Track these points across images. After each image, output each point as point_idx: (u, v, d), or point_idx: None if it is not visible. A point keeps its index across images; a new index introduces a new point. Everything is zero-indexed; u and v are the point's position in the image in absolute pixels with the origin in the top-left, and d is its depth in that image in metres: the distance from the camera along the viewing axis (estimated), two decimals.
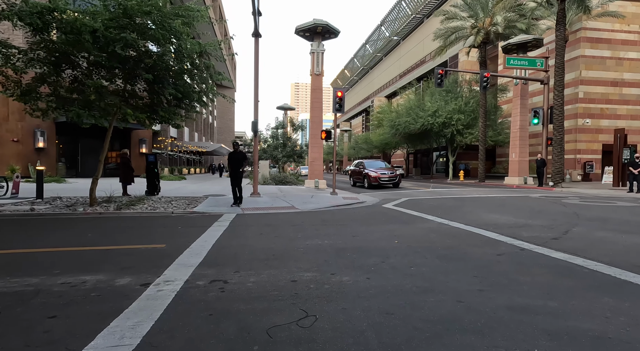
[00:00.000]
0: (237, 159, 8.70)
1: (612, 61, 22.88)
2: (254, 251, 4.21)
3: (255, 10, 11.12)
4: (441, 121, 23.96)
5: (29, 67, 6.93)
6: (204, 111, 43.77)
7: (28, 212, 7.18)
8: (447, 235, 5.26)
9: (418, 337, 2.07)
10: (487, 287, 2.95)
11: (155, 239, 4.83)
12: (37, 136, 19.20)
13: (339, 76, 73.38)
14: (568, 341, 2.03)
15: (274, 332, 2.12)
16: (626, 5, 22.51)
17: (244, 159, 8.77)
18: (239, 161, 8.70)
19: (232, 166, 8.76)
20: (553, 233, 5.39)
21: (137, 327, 2.16)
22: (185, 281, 3.04)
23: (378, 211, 8.27)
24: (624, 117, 23.23)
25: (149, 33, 6.69)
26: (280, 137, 27.27)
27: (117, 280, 3.07)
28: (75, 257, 3.90)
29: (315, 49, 16.04)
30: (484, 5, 22.36)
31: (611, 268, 3.52)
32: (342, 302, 2.61)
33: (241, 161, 8.73)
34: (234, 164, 8.72)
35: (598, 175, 22.17)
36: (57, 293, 2.74)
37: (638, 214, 7.80)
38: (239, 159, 8.71)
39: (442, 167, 34.96)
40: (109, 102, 7.39)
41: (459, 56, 32.77)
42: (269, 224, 6.20)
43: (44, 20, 6.10)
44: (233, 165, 8.74)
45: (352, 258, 3.88)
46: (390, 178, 17.12)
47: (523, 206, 9.22)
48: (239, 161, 8.71)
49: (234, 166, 8.72)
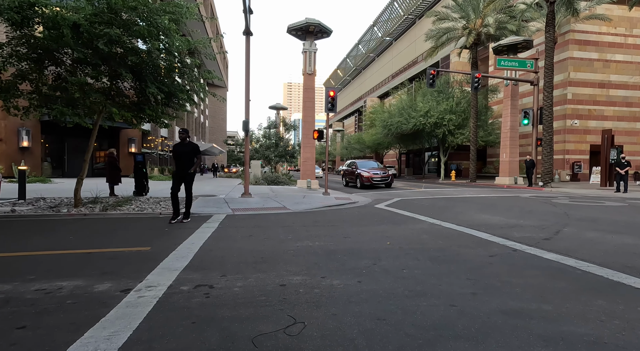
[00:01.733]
0: (186, 153, 6.42)
1: (600, 63, 23.30)
2: (242, 253, 4.09)
3: (246, 8, 10.97)
4: (433, 121, 24.08)
5: (6, 64, 6.67)
6: (195, 110, 43.27)
7: (8, 213, 6.91)
8: (439, 236, 5.21)
9: (410, 344, 1.99)
10: (480, 290, 2.89)
11: (141, 242, 4.66)
12: (22, 135, 18.68)
13: (331, 75, 73.39)
14: (564, 347, 1.96)
15: (259, 341, 2.02)
16: (613, 8, 22.94)
17: (195, 153, 6.49)
18: (188, 156, 6.42)
19: (178, 162, 6.44)
20: (544, 234, 5.38)
21: (113, 338, 2.03)
22: (168, 287, 2.91)
23: (370, 212, 8.20)
24: (610, 118, 23.67)
25: (134, 29, 6.50)
26: (272, 137, 27.10)
27: (96, 286, 2.92)
28: (54, 261, 3.72)
29: (308, 48, 15.93)
30: (475, 7, 22.54)
31: (603, 269, 3.49)
32: (332, 307, 2.51)
33: (191, 155, 6.44)
34: (181, 160, 6.40)
35: (586, 175, 22.55)
36: (29, 300, 2.58)
37: (626, 214, 7.89)
38: (187, 153, 6.42)
39: (434, 168, 35.19)
40: (94, 100, 7.17)
41: (451, 57, 33.03)
42: (259, 226, 6.07)
43: (24, 15, 5.86)
44: (180, 161, 6.41)
45: (343, 261, 3.79)
46: (383, 178, 17.12)
47: (514, 206, 9.26)
48: (188, 155, 6.43)
49: (181, 163, 6.41)
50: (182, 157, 6.42)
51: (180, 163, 6.44)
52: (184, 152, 6.44)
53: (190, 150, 6.47)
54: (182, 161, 6.42)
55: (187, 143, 6.50)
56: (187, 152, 6.44)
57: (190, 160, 6.45)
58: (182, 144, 6.51)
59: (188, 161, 6.42)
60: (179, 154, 6.44)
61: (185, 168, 6.39)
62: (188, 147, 6.47)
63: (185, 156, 6.43)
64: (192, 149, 6.49)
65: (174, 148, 6.51)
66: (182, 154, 6.42)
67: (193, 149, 6.51)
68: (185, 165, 6.40)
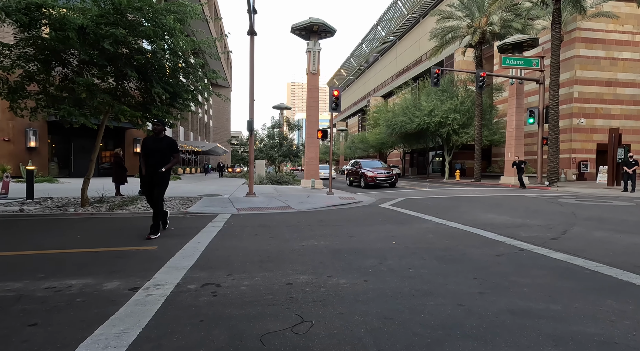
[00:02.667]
0: (160, 150, 5.08)
1: (606, 61, 23.04)
2: (248, 252, 4.10)
3: (250, 8, 10.99)
4: (437, 121, 23.97)
5: (14, 66, 6.74)
6: (199, 110, 43.48)
7: (17, 213, 7.00)
8: (445, 235, 5.18)
9: (418, 343, 1.99)
10: (488, 290, 2.88)
11: (147, 241, 4.69)
12: (29, 136, 18.88)
13: (335, 75, 73.31)
14: (574, 347, 1.95)
15: (267, 339, 2.02)
16: (620, 5, 22.68)
17: (172, 151, 5.18)
18: (162, 154, 5.07)
19: (149, 161, 5.05)
20: (551, 233, 5.34)
21: (123, 335, 2.05)
22: (176, 285, 2.93)
23: (375, 211, 8.19)
24: (617, 117, 23.41)
25: (139, 29, 6.54)
26: (276, 136, 27.15)
27: (104, 284, 2.94)
28: (63, 260, 3.76)
29: (312, 48, 15.93)
30: (479, 5, 22.41)
31: (612, 268, 3.46)
32: (338, 306, 2.51)
33: (166, 153, 5.11)
34: (153, 158, 5.03)
35: (593, 174, 22.32)
36: (40, 298, 2.62)
37: (634, 213, 7.80)
38: (162, 150, 5.09)
39: (438, 167, 35.03)
40: (101, 101, 7.23)
41: (455, 56, 32.84)
42: (264, 225, 6.09)
43: (32, 16, 5.92)
44: (152, 160, 5.03)
45: (348, 260, 3.79)
46: (387, 178, 17.07)
47: (520, 206, 9.19)
48: (163, 153, 5.09)
49: (153, 163, 5.02)
50: (154, 156, 5.03)
51: (151, 163, 5.01)
52: (158, 149, 5.07)
53: (166, 146, 5.12)
54: (155, 160, 5.01)
55: (162, 138, 5.18)
56: (161, 149, 5.09)
57: (164, 159, 5.08)
58: (155, 139, 5.15)
59: (162, 160, 5.06)
60: (150, 150, 5.05)
61: (156, 168, 5.01)
62: (163, 142, 5.13)
63: (159, 154, 5.06)
64: (168, 146, 5.14)
65: (144, 143, 5.14)
66: (155, 152, 5.05)
67: (170, 146, 5.15)
68: (157, 165, 5.01)
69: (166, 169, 5.05)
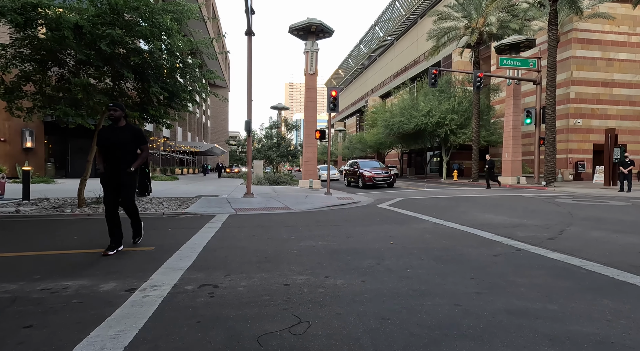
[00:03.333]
0: (121, 144, 3.93)
1: (603, 62, 23.19)
2: (245, 253, 4.09)
3: (248, 9, 10.98)
4: (435, 121, 24.04)
5: (9, 66, 6.70)
6: (197, 110, 43.38)
7: (13, 214, 6.95)
8: (442, 236, 5.19)
9: (416, 344, 1.99)
10: (485, 290, 2.88)
11: (144, 242, 4.67)
12: (26, 136, 18.78)
13: (333, 75, 73.38)
14: (570, 347, 1.96)
15: (264, 340, 2.02)
16: (616, 6, 22.83)
17: (138, 141, 4.06)
18: (125, 148, 3.95)
19: (109, 158, 3.94)
20: (548, 233, 5.36)
21: (119, 337, 2.04)
22: (173, 286, 2.92)
23: (373, 212, 8.20)
24: (614, 117, 23.56)
25: (136, 29, 6.51)
26: (274, 137, 27.14)
27: (101, 285, 2.93)
28: (59, 261, 3.74)
29: (309, 48, 15.93)
30: (477, 6, 22.49)
31: (608, 268, 3.48)
32: (336, 307, 2.51)
33: (130, 147, 4.01)
34: (114, 154, 3.92)
35: (589, 174, 22.44)
36: (35, 300, 2.60)
37: (631, 213, 7.85)
38: (124, 143, 3.94)
39: (436, 167, 35.11)
40: (97, 101, 7.20)
41: (452, 56, 32.95)
42: (262, 226, 6.08)
43: (27, 16, 5.89)
44: (113, 156, 3.92)
45: (346, 260, 3.78)
46: (385, 178, 17.10)
47: (517, 206, 9.23)
48: (126, 147, 3.97)
49: (113, 159, 3.92)
50: (115, 151, 3.88)
51: (112, 159, 3.88)
52: (120, 141, 3.87)
53: (129, 138, 3.93)
54: (116, 156, 3.88)
55: (123, 127, 3.98)
56: (124, 141, 3.89)
57: (129, 155, 3.94)
58: (113, 129, 3.95)
59: (125, 156, 3.90)
60: (109, 144, 3.88)
61: (119, 166, 3.87)
62: (125, 133, 3.93)
63: (121, 148, 3.88)
64: (132, 137, 3.96)
65: (100, 135, 3.97)
66: (116, 145, 3.87)
67: (135, 137, 3.98)
68: (120, 162, 3.86)
69: (135, 167, 3.93)
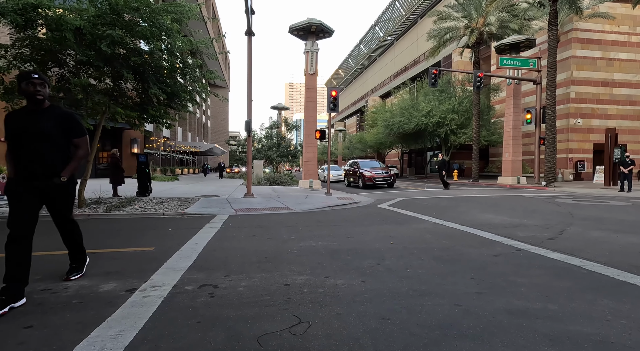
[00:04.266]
0: (44, 134, 2.62)
1: (603, 62, 23.18)
2: (245, 253, 4.09)
3: (248, 9, 10.98)
4: (435, 121, 24.05)
5: (10, 67, 6.71)
6: (197, 110, 43.40)
7: None
8: (442, 236, 5.19)
9: (416, 344, 1.99)
10: (485, 289, 2.88)
11: (145, 242, 4.68)
12: None
13: (333, 75, 73.40)
14: (570, 347, 1.96)
15: (264, 340, 2.02)
16: (616, 6, 22.83)
17: (70, 132, 2.75)
18: (47, 141, 2.64)
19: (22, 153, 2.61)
20: (549, 233, 5.36)
21: (119, 337, 2.04)
22: (173, 286, 2.92)
23: (373, 212, 8.20)
24: (614, 117, 23.55)
25: (137, 29, 6.52)
26: (274, 137, 27.16)
27: (101, 286, 2.93)
28: (59, 261, 3.73)
29: (309, 48, 15.94)
30: (477, 6, 22.49)
31: (609, 268, 3.47)
32: (336, 307, 2.51)
33: (58, 137, 2.69)
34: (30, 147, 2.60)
35: (589, 174, 22.43)
36: (36, 300, 2.60)
37: (631, 213, 7.84)
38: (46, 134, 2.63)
39: (436, 167, 35.09)
40: (97, 102, 7.20)
41: (452, 56, 32.95)
42: (262, 226, 6.08)
43: (28, 17, 5.90)
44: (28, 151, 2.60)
45: (346, 260, 3.79)
46: (385, 178, 17.10)
47: (517, 206, 9.23)
48: (52, 137, 2.65)
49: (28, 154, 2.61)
50: (32, 144, 2.63)
51: (26, 158, 2.64)
52: (41, 131, 2.64)
53: (56, 126, 2.69)
54: (34, 155, 2.64)
55: (46, 109, 2.71)
56: (47, 131, 2.65)
57: (57, 152, 2.72)
58: (30, 113, 2.68)
59: (50, 154, 2.69)
60: (24, 135, 2.62)
61: (40, 168, 2.66)
62: (51, 118, 2.68)
63: (43, 141, 2.66)
64: (61, 124, 2.72)
65: (9, 122, 2.67)
66: (35, 137, 2.63)
67: (65, 124, 2.75)
68: (40, 164, 2.66)
69: (68, 176, 2.74)
